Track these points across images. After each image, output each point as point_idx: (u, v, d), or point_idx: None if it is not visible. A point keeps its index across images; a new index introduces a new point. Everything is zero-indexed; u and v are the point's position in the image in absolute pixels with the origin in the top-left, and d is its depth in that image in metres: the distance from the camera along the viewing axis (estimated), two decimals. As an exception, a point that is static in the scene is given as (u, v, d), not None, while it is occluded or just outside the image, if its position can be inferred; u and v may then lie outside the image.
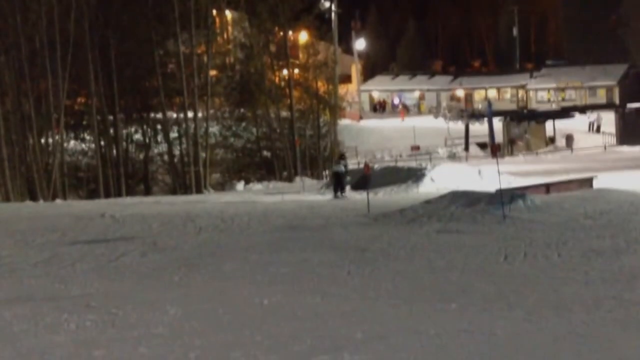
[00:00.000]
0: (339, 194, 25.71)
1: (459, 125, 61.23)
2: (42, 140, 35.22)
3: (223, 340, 6.96)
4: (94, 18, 36.36)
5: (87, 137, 38.72)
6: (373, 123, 73.10)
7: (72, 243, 14.01)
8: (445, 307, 8.09)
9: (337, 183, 26.17)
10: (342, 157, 28.21)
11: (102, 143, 37.63)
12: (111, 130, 37.93)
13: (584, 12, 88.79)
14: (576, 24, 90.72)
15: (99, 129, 37.15)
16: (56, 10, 34.50)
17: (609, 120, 61.63)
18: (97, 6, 36.89)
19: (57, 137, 35.32)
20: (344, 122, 51.07)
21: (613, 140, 58.43)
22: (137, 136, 39.94)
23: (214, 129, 41.32)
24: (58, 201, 31.00)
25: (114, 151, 37.71)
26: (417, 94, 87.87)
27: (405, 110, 79.24)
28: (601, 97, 77.39)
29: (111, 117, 37.72)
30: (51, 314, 8.00)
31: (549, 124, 60.09)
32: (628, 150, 53.20)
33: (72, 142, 38.73)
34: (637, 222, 13.75)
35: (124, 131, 38.94)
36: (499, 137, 56.78)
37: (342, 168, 26.31)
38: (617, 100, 74.07)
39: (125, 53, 37.84)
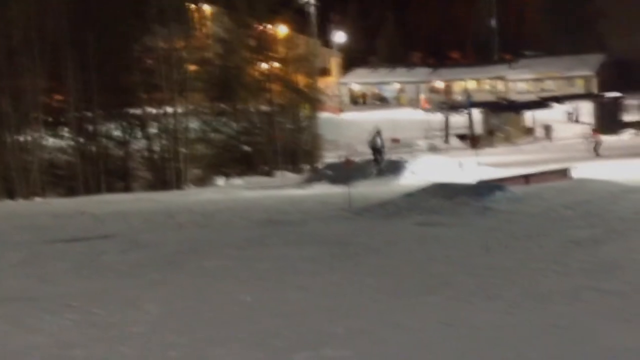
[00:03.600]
0: (378, 165, 28.54)
1: (439, 117, 61.33)
2: (20, 138, 34.93)
3: (204, 338, 6.94)
4: (71, 14, 36.07)
5: (66, 134, 38.43)
6: (353, 116, 73.06)
7: (52, 242, 13.92)
8: (426, 300, 8.11)
9: (377, 159, 29.20)
10: (378, 133, 30.60)
11: (81, 140, 37.36)
12: (90, 127, 37.68)
13: (562, 2, 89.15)
14: (554, 14, 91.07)
15: (77, 125, 36.90)
16: (33, 7, 34.20)
17: (586, 110, 61.93)
18: (75, 2, 36.60)
19: (35, 135, 35.04)
20: (323, 115, 50.96)
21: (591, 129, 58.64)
22: (116, 132, 39.70)
23: (194, 124, 41.12)
24: (37, 199, 30.80)
25: (93, 148, 37.47)
26: (396, 86, 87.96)
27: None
28: (579, 86, 77.80)
29: (90, 114, 37.46)
30: (31, 315, 7.95)
31: (527, 115, 60.30)
32: (606, 139, 53.48)
33: (50, 140, 38.43)
34: (615, 212, 13.82)
35: (103, 128, 38.68)
36: (479, 129, 57.01)
37: (379, 142, 29.67)
38: (595, 90, 74.48)
39: (103, 49, 37.55)
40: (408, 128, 57.62)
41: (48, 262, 11.53)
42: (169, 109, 38.23)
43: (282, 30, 46.81)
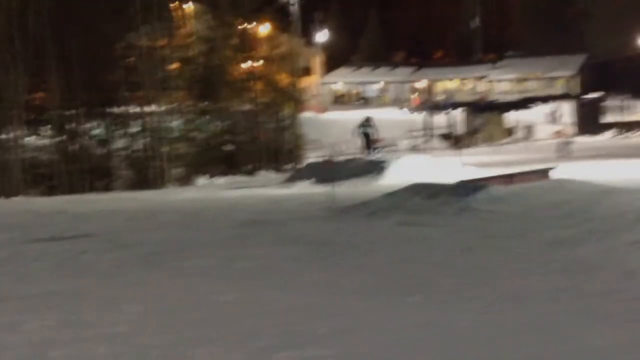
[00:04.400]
0: (370, 151, 29.78)
1: (422, 117, 61.48)
2: (1, 136, 34.71)
3: (185, 338, 6.92)
4: (53, 11, 35.87)
5: (47, 132, 38.22)
6: (335, 115, 73.09)
7: (32, 241, 13.84)
8: (407, 300, 8.12)
9: (367, 142, 30.38)
10: (368, 119, 31.39)
11: (62, 138, 37.17)
12: (71, 125, 37.48)
13: (544, 2, 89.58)
14: (536, 15, 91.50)
15: (58, 123, 36.71)
16: (15, 4, 33.99)
17: (567, 110, 62.26)
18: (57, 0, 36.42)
19: (16, 133, 34.82)
20: (306, 114, 50.96)
21: (572, 130, 58.99)
22: (98, 131, 39.51)
23: (176, 123, 40.99)
24: (17, 198, 30.62)
25: (75, 146, 37.28)
26: (379, 85, 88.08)
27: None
28: (560, 87, 78.22)
29: (71, 112, 37.26)
30: (8, 314, 7.89)
31: (509, 115, 60.58)
32: (586, 139, 53.81)
33: (32, 138, 38.21)
34: (596, 212, 13.88)
35: (85, 126, 38.49)
36: (461, 129, 57.23)
37: (369, 129, 30.38)
38: (576, 91, 74.87)
39: (85, 47, 37.37)
40: (390, 128, 57.64)
41: (27, 261, 11.46)
42: (151, 108, 38.10)
43: (265, 29, 46.77)
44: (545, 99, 67.10)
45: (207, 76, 42.51)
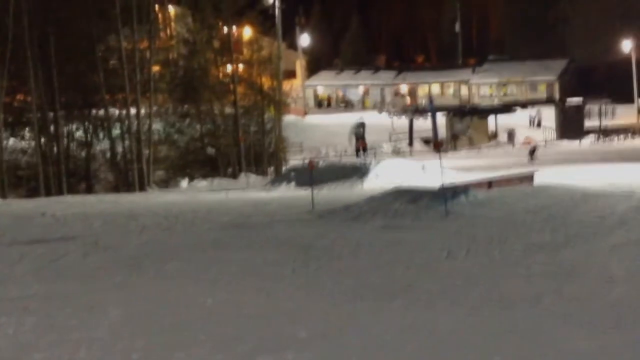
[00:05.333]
0: (360, 153, 30.57)
1: (403, 121, 61.68)
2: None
3: (166, 342, 6.89)
4: (33, 13, 35.67)
5: (27, 135, 37.98)
6: (318, 119, 73.19)
7: (11, 244, 13.75)
8: (389, 304, 8.12)
9: (359, 144, 31.11)
10: (361, 124, 31.90)
11: (43, 140, 36.96)
12: (52, 128, 37.28)
13: (525, 7, 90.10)
14: (517, 19, 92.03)
15: (39, 126, 36.48)
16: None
17: (549, 115, 62.64)
18: (37, 1, 36.21)
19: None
20: (289, 118, 50.98)
21: (553, 134, 59.41)
22: (79, 133, 39.33)
23: (158, 125, 40.89)
24: (-3, 200, 30.41)
25: (55, 149, 37.07)
26: (361, 89, 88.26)
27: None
28: (542, 92, 78.74)
29: (52, 114, 37.06)
30: (-13, 318, 7.82)
31: (491, 119, 60.86)
32: (568, 144, 54.15)
33: (11, 140, 37.97)
34: (576, 216, 13.96)
35: (65, 128, 38.30)
36: (443, 133, 57.41)
37: (362, 131, 31.02)
38: (557, 95, 75.35)
39: (66, 49, 37.18)
40: (373, 131, 57.66)
41: (6, 264, 11.36)
42: (133, 110, 37.96)
43: (247, 32, 46.74)
44: (524, 104, 67.50)
45: (188, 79, 42.47)
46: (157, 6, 41.83)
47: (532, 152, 40.88)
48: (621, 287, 8.50)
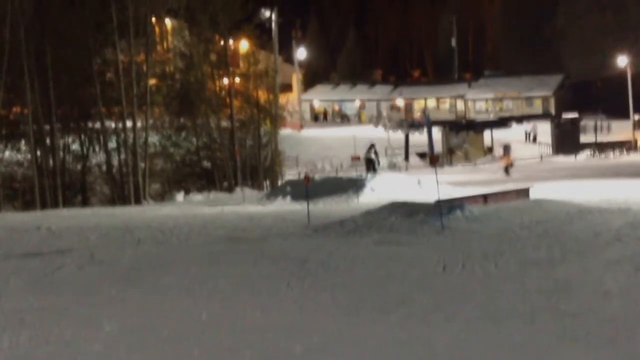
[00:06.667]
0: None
1: (399, 135, 61.72)
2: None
3: (160, 356, 6.88)
4: (30, 25, 35.71)
5: (23, 147, 37.96)
6: (314, 132, 73.24)
7: (6, 257, 13.72)
8: (384, 319, 8.12)
9: (369, 168, 32.04)
10: (372, 146, 33.20)
11: (39, 153, 36.92)
12: (48, 140, 37.26)
13: (521, 23, 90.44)
14: (513, 34, 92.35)
15: (35, 138, 36.47)
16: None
17: (544, 130, 62.73)
18: (34, 13, 36.25)
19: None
20: (285, 131, 51.02)
21: (549, 150, 59.49)
22: (75, 146, 39.30)
23: (154, 138, 40.87)
24: (-8, 212, 30.36)
25: (51, 161, 37.03)
26: (357, 103, 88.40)
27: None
28: (537, 107, 78.90)
29: (48, 127, 37.04)
30: (-17, 331, 7.80)
31: (487, 134, 60.92)
32: (563, 160, 54.20)
33: (7, 153, 37.94)
34: (572, 232, 13.98)
35: (61, 141, 38.27)
36: (439, 147, 57.46)
37: (373, 155, 32.43)
38: (552, 111, 75.52)
39: (62, 61, 37.20)
40: (367, 145, 57.77)
41: (2, 277, 11.34)
42: (129, 123, 37.96)
43: (243, 45, 46.83)
44: (520, 119, 67.62)
45: (185, 92, 42.48)
46: (154, 19, 41.88)
47: (507, 168, 41.58)
48: (616, 303, 8.51)
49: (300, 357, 6.73)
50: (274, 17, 48.78)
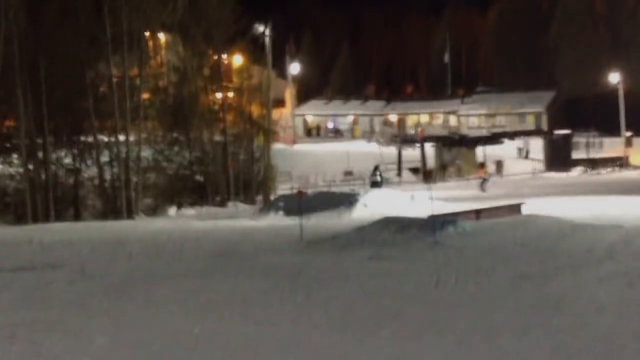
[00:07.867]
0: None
1: (392, 150, 61.79)
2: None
3: (152, 370, 6.84)
4: (23, 38, 35.68)
5: (15, 161, 37.84)
6: (307, 147, 73.29)
7: (-2, 270, 13.65)
8: (377, 334, 8.10)
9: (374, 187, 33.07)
10: (376, 168, 34.65)
11: (31, 167, 36.80)
12: (40, 154, 37.15)
13: (514, 39, 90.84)
14: (506, 51, 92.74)
15: (27, 152, 36.35)
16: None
17: (537, 146, 62.89)
18: (27, 26, 36.22)
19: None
20: (277, 146, 51.04)
21: (541, 166, 59.62)
22: (67, 160, 39.20)
23: (146, 152, 40.81)
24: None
25: (43, 175, 36.90)
26: (350, 118, 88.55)
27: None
28: (530, 123, 79.10)
29: (40, 140, 36.95)
30: (-26, 345, 7.75)
31: (479, 150, 61.04)
32: (555, 175, 54.33)
33: (-1, 166, 37.83)
34: (565, 247, 13.99)
35: (54, 155, 38.17)
36: (431, 163, 57.56)
37: (378, 178, 34.13)
38: (545, 127, 75.71)
39: (55, 74, 37.12)
40: (361, 160, 57.92)
41: (-7, 290, 11.29)
42: (122, 137, 37.89)
43: (237, 60, 46.91)
44: (513, 135, 67.80)
45: (178, 106, 42.49)
46: (147, 33, 41.91)
47: (482, 183, 41.85)
48: (609, 318, 8.51)
49: (293, 372, 6.70)
50: (267, 31, 48.86)
